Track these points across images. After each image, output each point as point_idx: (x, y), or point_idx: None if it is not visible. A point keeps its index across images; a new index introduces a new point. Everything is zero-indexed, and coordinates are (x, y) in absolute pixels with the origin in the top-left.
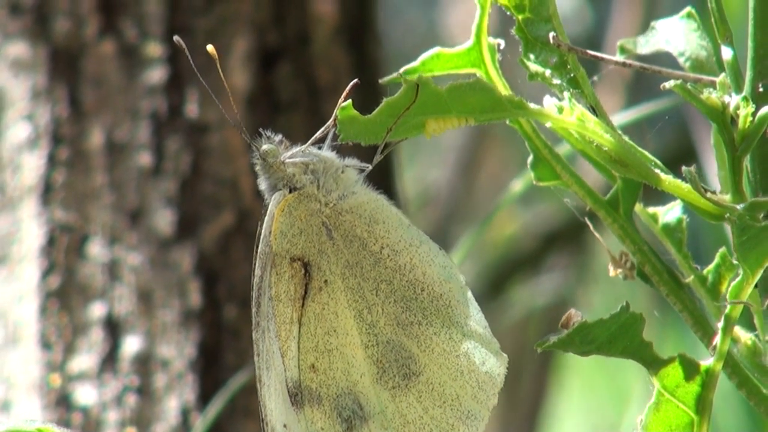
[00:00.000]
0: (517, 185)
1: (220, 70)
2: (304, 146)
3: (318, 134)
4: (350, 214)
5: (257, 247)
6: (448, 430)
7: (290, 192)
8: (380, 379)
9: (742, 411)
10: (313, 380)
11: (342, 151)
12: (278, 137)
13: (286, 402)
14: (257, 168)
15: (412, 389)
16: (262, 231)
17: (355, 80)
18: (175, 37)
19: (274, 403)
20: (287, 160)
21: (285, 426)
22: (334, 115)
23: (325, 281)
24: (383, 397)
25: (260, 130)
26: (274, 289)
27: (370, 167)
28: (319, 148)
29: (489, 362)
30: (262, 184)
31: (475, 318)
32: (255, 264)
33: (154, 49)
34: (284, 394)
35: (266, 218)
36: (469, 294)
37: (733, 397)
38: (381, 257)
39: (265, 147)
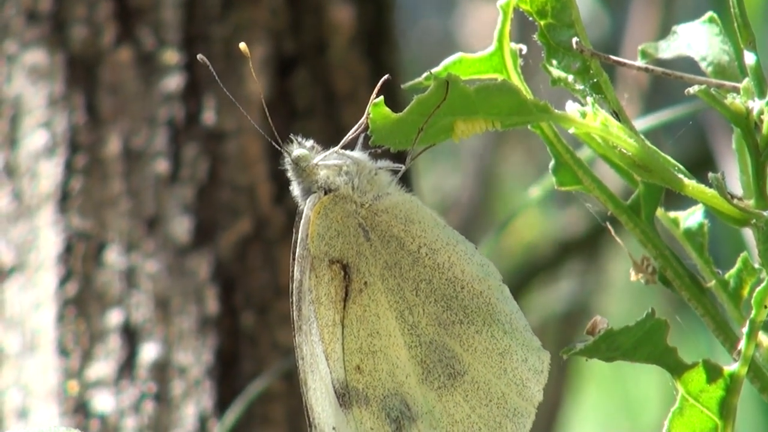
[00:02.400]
0: (535, 191)
1: (252, 68)
2: (335, 148)
3: (349, 135)
4: (386, 214)
5: (294, 251)
6: (495, 428)
7: (325, 194)
8: (426, 380)
9: (763, 415)
10: (359, 381)
11: (372, 154)
12: (309, 142)
13: (334, 405)
14: (289, 173)
15: (458, 388)
16: (299, 235)
17: (387, 76)
18: (200, 56)
19: (321, 407)
20: (320, 163)
21: (334, 428)
22: (366, 112)
23: (365, 283)
24: (430, 397)
25: (290, 135)
26: (315, 292)
27: (404, 168)
28: (350, 150)
29: (531, 359)
30: (295, 190)
31: (515, 315)
32: (293, 268)
33: (171, 56)
34: (331, 397)
35: (302, 222)
36: (508, 291)
37: (754, 402)
38: (419, 256)
39: (297, 152)
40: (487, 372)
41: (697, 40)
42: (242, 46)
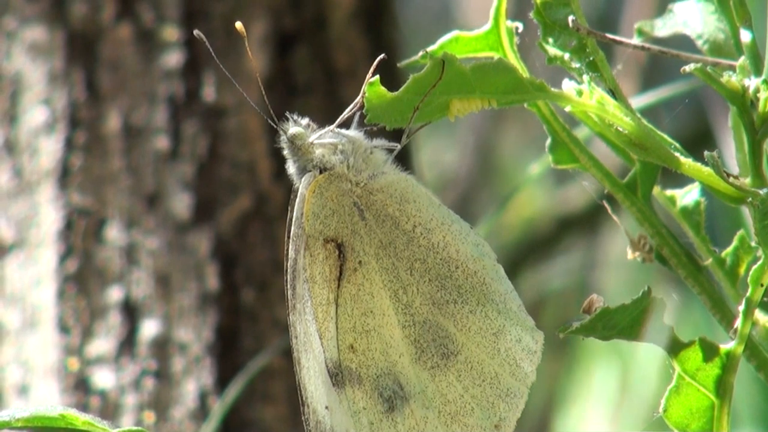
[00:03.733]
0: (535, 169)
1: (248, 49)
2: (331, 127)
3: (345, 114)
4: (381, 193)
5: (289, 230)
6: (488, 408)
7: (320, 173)
8: (419, 359)
9: (760, 394)
10: (352, 361)
11: (368, 133)
12: (305, 120)
13: (327, 384)
14: (284, 152)
15: (451, 368)
16: (294, 214)
17: (382, 55)
18: (196, 32)
19: (314, 386)
20: (316, 142)
21: (327, 408)
22: (361, 91)
23: (360, 262)
24: (423, 376)
25: (286, 113)
26: (309, 270)
27: (399, 147)
28: (346, 128)
29: (525, 339)
30: (291, 168)
31: (509, 295)
32: (288, 247)
33: (171, 33)
34: (324, 376)
35: (297, 200)
36: (502, 271)
37: (750, 381)
38: (414, 236)
39: (292, 130)
40: (481, 352)
41: (694, 18)
42: (238, 25)
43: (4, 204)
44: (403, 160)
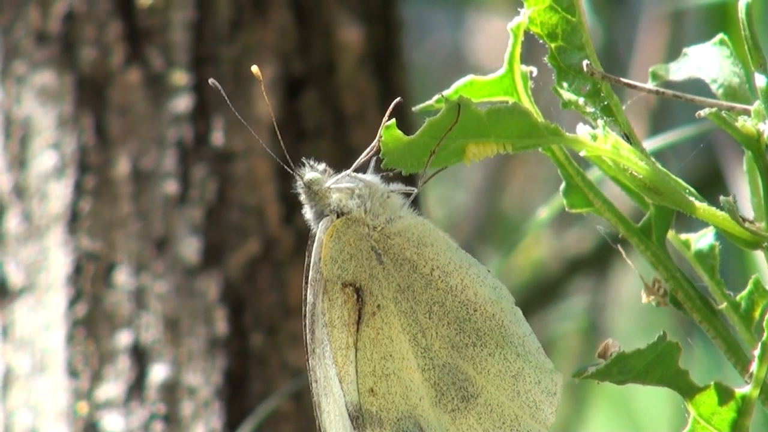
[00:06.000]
0: (544, 212)
1: (263, 92)
2: (347, 171)
3: (361, 158)
4: (399, 237)
5: (306, 274)
6: None
7: (337, 218)
8: (439, 402)
9: None
10: (372, 404)
11: (384, 177)
12: (321, 165)
13: (348, 427)
14: (301, 197)
15: (471, 411)
16: (312, 258)
17: (398, 99)
18: (211, 80)
19: (335, 429)
20: (332, 186)
21: None
22: (378, 135)
23: (378, 306)
24: (443, 420)
25: (302, 158)
26: (328, 315)
27: (416, 191)
28: (362, 173)
29: (544, 381)
30: (307, 213)
31: (528, 338)
32: (306, 292)
33: (180, 77)
34: (345, 420)
35: (315, 245)
36: (520, 314)
37: (765, 425)
38: (432, 279)
39: (309, 175)
40: (501, 394)
41: (708, 62)
42: (254, 69)
43: (13, 248)
44: (416, 206)
